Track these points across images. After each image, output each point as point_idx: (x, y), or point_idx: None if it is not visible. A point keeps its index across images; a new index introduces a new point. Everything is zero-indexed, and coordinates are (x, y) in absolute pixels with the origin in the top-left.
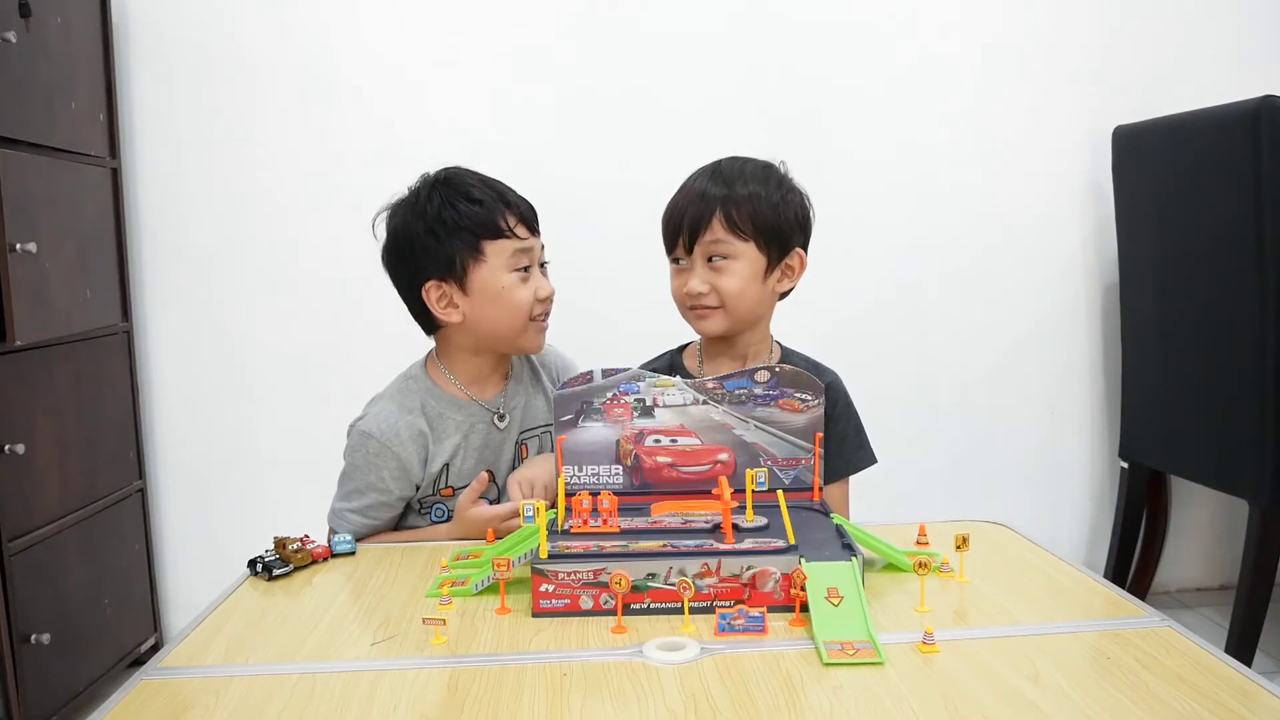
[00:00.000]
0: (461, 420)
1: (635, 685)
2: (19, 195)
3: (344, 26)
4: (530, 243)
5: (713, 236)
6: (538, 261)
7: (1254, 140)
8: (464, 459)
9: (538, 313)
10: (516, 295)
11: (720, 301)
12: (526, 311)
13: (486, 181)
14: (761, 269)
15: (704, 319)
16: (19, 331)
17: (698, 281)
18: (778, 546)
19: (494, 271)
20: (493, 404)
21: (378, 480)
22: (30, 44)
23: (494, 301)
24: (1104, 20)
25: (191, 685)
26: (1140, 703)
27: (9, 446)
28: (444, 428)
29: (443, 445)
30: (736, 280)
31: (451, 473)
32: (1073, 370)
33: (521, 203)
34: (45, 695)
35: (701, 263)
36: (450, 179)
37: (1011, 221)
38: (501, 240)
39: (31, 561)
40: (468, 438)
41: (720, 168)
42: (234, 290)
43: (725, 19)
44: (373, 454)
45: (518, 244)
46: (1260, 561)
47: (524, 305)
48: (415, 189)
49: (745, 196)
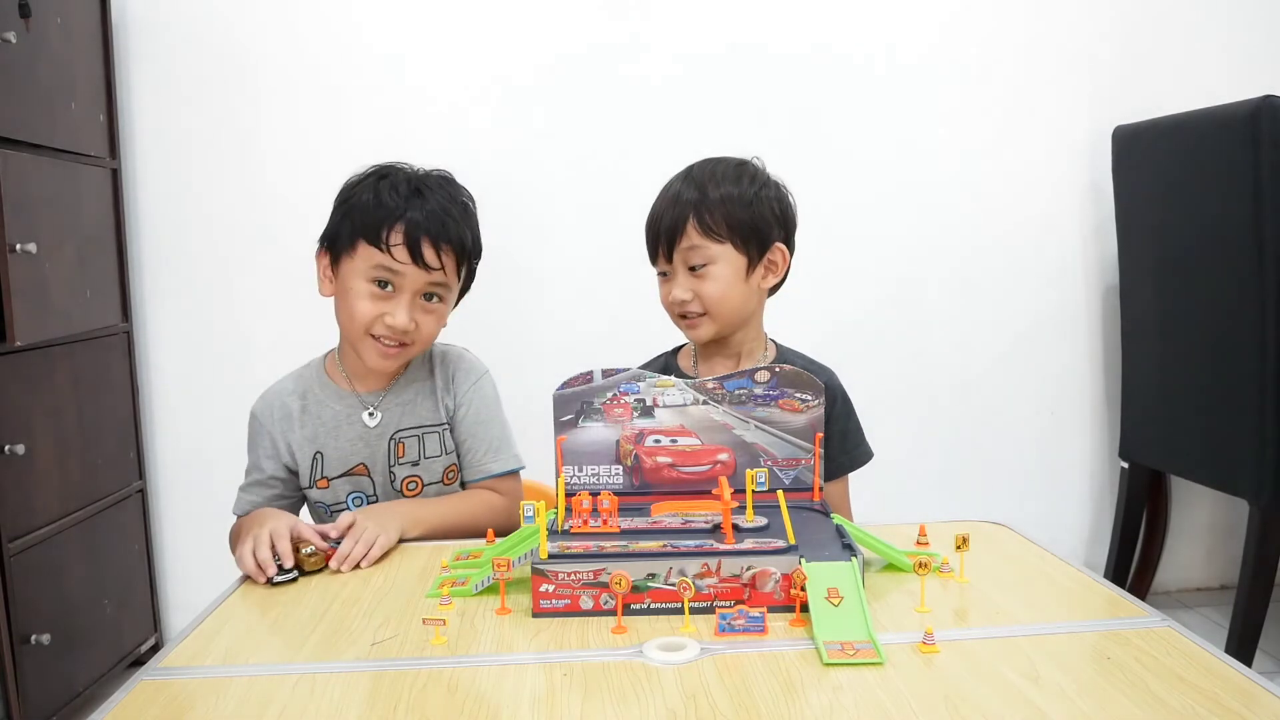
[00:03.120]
0: (339, 410)
1: (635, 685)
2: (19, 195)
3: (344, 26)
4: (401, 268)
5: (689, 243)
6: (410, 290)
7: (1254, 140)
8: (336, 448)
9: (379, 332)
10: (359, 305)
11: (705, 308)
12: (364, 325)
13: (419, 192)
14: (743, 269)
15: (694, 327)
16: (19, 331)
17: (681, 290)
18: (778, 547)
19: (354, 272)
20: (370, 399)
21: (256, 459)
22: (30, 44)
23: (343, 298)
24: (1104, 20)
25: (191, 686)
26: (1140, 703)
27: (9, 446)
28: (320, 414)
29: (312, 431)
30: (719, 285)
31: (326, 462)
32: (1073, 370)
33: (426, 227)
34: (45, 695)
35: (683, 270)
36: (390, 174)
37: (1011, 221)
38: (373, 249)
39: (31, 561)
40: (340, 428)
41: (692, 172)
42: (234, 290)
43: (725, 19)
44: (253, 432)
45: (385, 260)
46: (1260, 561)
47: (363, 317)
48: (371, 168)
49: (718, 199)
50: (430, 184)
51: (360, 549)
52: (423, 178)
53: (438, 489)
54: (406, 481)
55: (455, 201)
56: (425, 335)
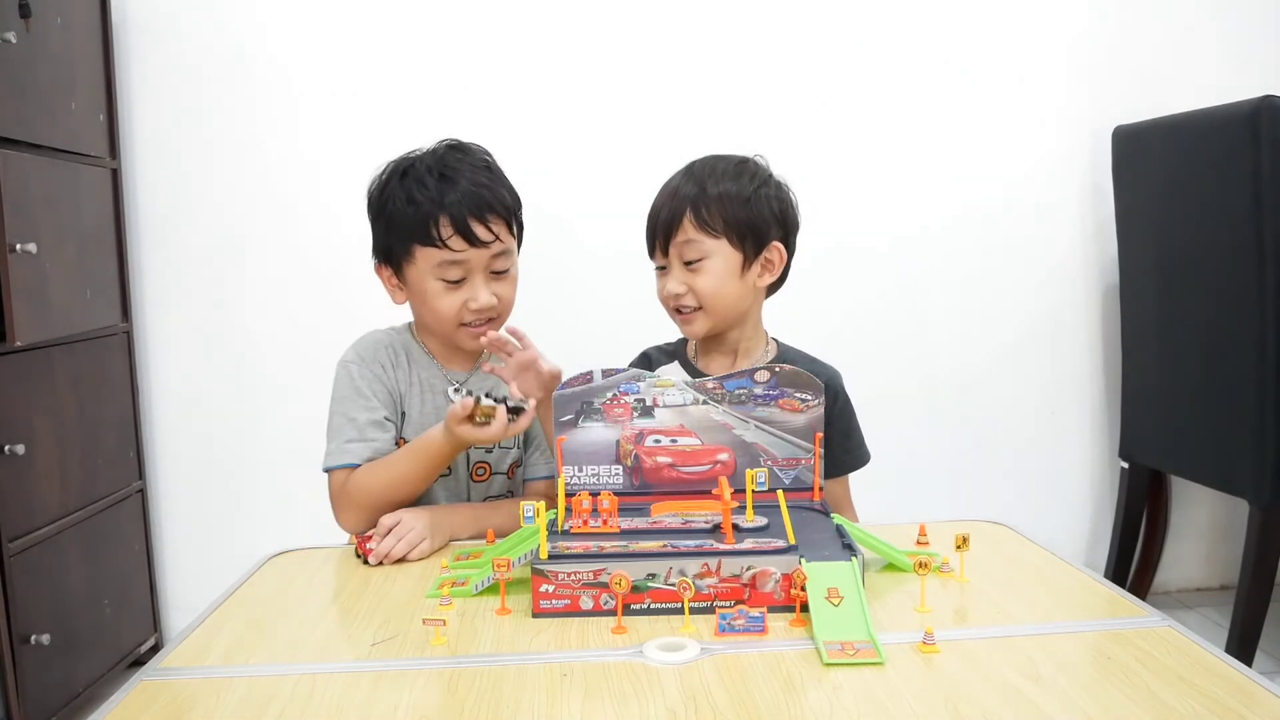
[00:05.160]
0: (426, 376)
1: (635, 685)
2: (19, 195)
3: (343, 26)
4: (464, 255)
5: (684, 237)
6: (479, 269)
7: (1254, 140)
8: (420, 412)
9: (469, 319)
10: (440, 303)
11: (699, 302)
12: (452, 319)
13: (446, 176)
14: (738, 265)
15: (689, 322)
16: (19, 331)
17: (674, 283)
18: (778, 546)
19: (422, 275)
20: (455, 376)
21: (365, 402)
22: (30, 44)
23: (421, 301)
24: (1104, 20)
25: (191, 686)
26: (1140, 703)
27: (9, 446)
28: (411, 373)
29: (405, 387)
30: (712, 279)
31: (409, 424)
32: (1073, 370)
33: (469, 207)
34: (45, 695)
35: (678, 264)
36: (409, 169)
37: (1011, 221)
38: (430, 248)
39: (31, 561)
40: (425, 394)
41: (693, 168)
42: (234, 290)
43: (725, 18)
44: (355, 377)
45: (447, 255)
46: (1260, 561)
47: (448, 313)
48: (386, 168)
49: (715, 195)
50: (450, 163)
51: (401, 547)
52: (441, 159)
53: (502, 481)
54: (476, 466)
55: (479, 169)
56: (507, 303)
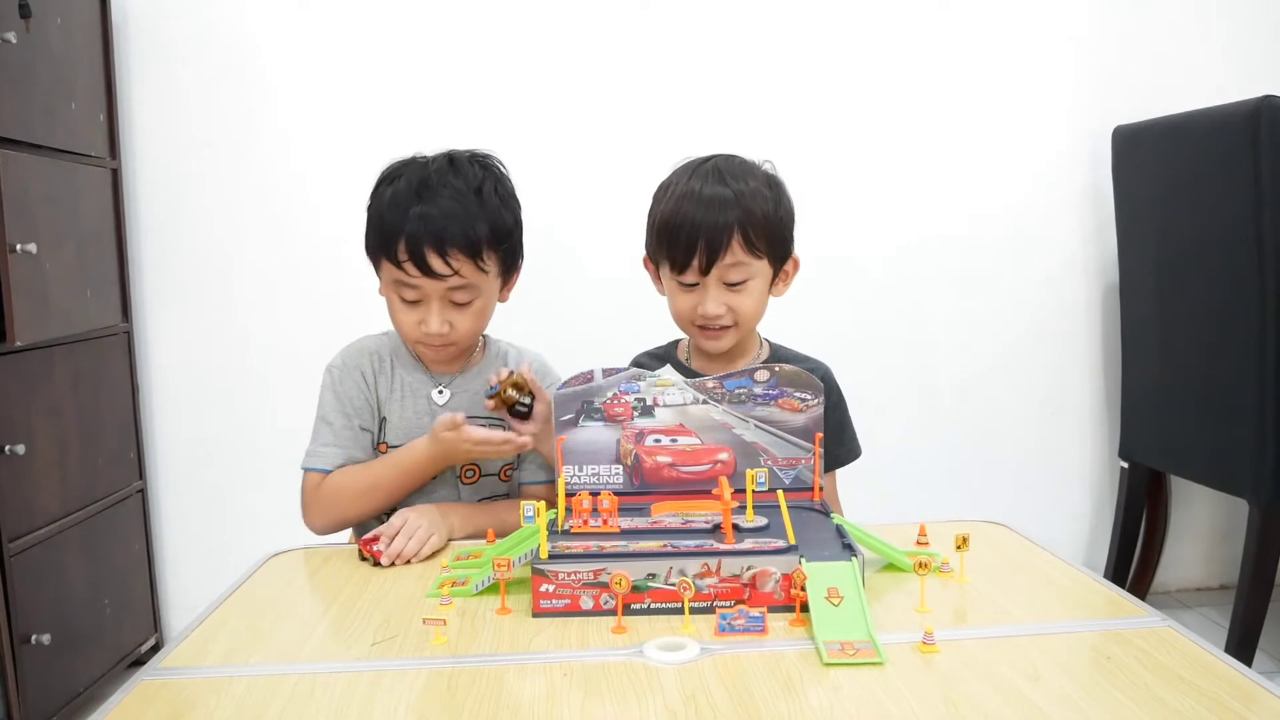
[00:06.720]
0: (410, 381)
1: (635, 685)
2: (19, 195)
3: (343, 26)
4: (418, 281)
5: (732, 260)
6: (435, 296)
7: (1254, 140)
8: (401, 417)
9: (418, 338)
10: (398, 316)
11: (735, 320)
12: (408, 335)
13: (421, 195)
14: (769, 280)
15: (718, 339)
16: (19, 331)
17: (713, 304)
18: (778, 546)
19: (386, 284)
20: (442, 378)
21: (342, 408)
22: (30, 44)
23: (388, 307)
24: (1104, 20)
25: (191, 686)
26: (1140, 703)
27: (9, 446)
28: (394, 379)
29: (385, 394)
30: (752, 299)
31: (389, 429)
32: (1073, 370)
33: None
34: (45, 695)
35: (718, 285)
36: (399, 175)
37: (1011, 221)
38: (390, 264)
39: (31, 561)
40: (407, 399)
41: (723, 176)
42: (234, 290)
43: (725, 19)
44: (337, 380)
45: (402, 276)
46: (1260, 561)
47: (404, 328)
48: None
49: (761, 216)
50: (433, 184)
51: (413, 545)
52: (427, 177)
53: (493, 483)
54: (465, 469)
55: (462, 194)
56: (464, 332)
